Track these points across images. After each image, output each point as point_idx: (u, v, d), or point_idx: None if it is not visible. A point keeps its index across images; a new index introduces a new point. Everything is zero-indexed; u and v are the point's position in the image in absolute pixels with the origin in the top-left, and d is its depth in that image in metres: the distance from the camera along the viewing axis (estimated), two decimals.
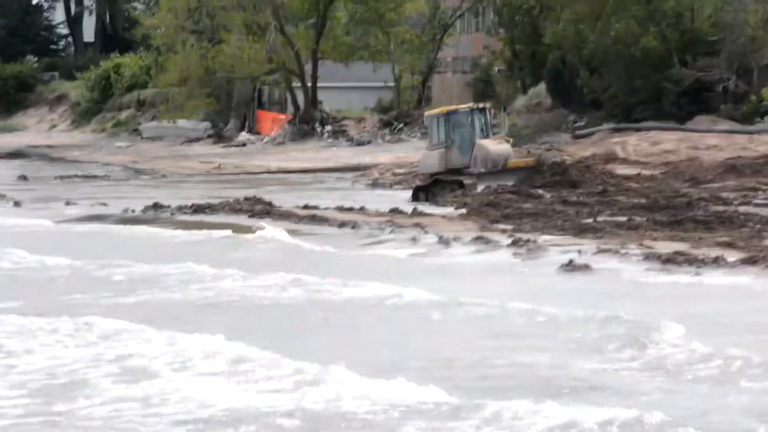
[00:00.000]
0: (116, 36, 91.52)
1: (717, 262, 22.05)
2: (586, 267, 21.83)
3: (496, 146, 35.31)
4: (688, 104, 49.73)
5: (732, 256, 22.52)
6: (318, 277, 20.78)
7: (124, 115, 79.34)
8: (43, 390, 13.24)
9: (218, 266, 22.17)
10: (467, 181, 34.83)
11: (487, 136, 35.70)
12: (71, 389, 13.20)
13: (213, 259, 23.31)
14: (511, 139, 37.27)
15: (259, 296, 19.65)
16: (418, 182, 37.59)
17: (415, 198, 35.70)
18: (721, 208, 29.64)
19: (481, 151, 35.06)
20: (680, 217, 27.79)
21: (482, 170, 34.84)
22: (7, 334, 16.22)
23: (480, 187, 34.34)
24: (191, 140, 68.41)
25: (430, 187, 35.88)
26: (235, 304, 19.19)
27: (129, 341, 15.59)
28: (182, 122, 68.72)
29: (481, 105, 37.29)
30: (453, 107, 38.28)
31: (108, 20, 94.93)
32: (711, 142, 43.35)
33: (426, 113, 39.32)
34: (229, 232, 27.67)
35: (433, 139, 36.48)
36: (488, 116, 36.33)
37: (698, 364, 14.16)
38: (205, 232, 28.16)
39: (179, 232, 28.51)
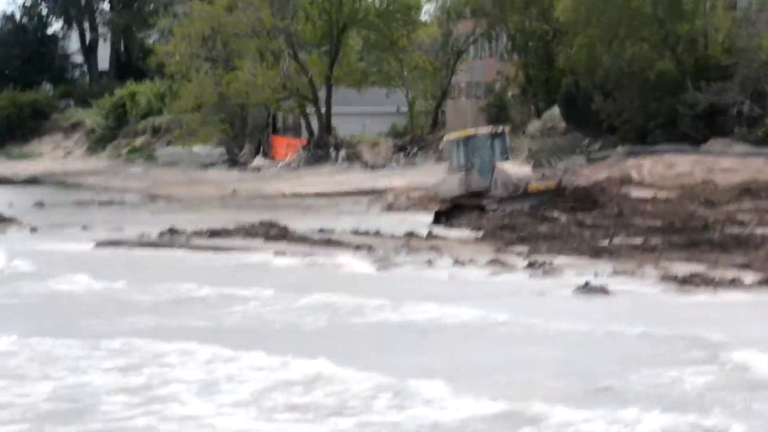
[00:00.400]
0: (130, 64, 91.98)
1: (734, 283, 22.03)
2: (602, 289, 21.82)
3: (517, 169, 35.41)
4: (702, 128, 49.72)
5: (749, 277, 22.49)
6: (379, 298, 21.08)
7: (138, 141, 79.67)
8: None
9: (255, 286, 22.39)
10: (488, 204, 34.79)
11: (506, 159, 35.75)
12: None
13: (251, 281, 23.53)
14: (532, 162, 37.37)
15: (339, 320, 19.78)
16: (439, 206, 37.52)
17: (437, 221, 35.65)
18: (736, 230, 29.60)
19: (501, 174, 35.13)
20: (696, 240, 27.77)
21: (503, 194, 34.80)
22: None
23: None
24: (206, 166, 68.62)
25: (451, 211, 35.84)
26: (308, 326, 19.25)
27: (269, 373, 15.62)
28: (197, 148, 68.96)
29: (500, 129, 37.28)
30: (472, 131, 38.30)
31: (122, 49, 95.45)
32: (726, 164, 43.33)
33: (445, 137, 39.43)
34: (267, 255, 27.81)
35: (453, 163, 36.53)
36: (507, 140, 36.39)
37: None
38: (235, 255, 28.37)
39: (222, 255, 28.99)
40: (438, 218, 35.86)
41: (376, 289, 22.86)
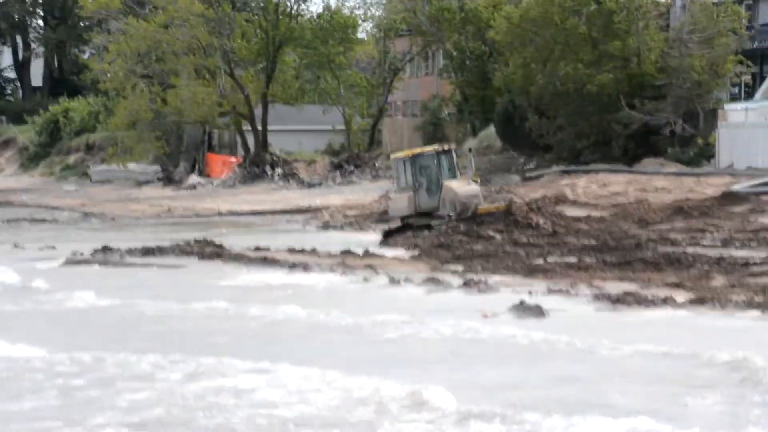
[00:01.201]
0: (64, 80, 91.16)
1: (666, 302, 22.23)
2: (536, 307, 21.92)
3: (465, 187, 35.09)
4: (635, 147, 50.25)
5: (681, 296, 22.70)
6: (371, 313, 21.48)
7: (72, 159, 78.91)
8: None
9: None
10: (437, 225, 34.58)
11: (454, 177, 35.54)
12: None
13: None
14: (479, 179, 37.14)
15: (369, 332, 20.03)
16: (388, 226, 37.31)
17: (385, 242, 35.46)
18: (669, 249, 29.89)
19: (449, 193, 34.77)
20: (629, 258, 28.00)
21: (451, 215, 34.59)
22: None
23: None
24: (141, 183, 68.13)
25: (400, 231, 35.62)
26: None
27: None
28: (132, 165, 68.43)
29: (446, 147, 36.91)
30: (418, 150, 37.90)
31: (56, 65, 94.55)
32: (659, 184, 43.77)
33: (392, 156, 39.06)
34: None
35: (400, 182, 36.17)
36: (454, 157, 36.07)
37: None
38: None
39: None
40: (387, 239, 35.68)
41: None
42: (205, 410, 14.89)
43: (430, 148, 37.29)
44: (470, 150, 40.46)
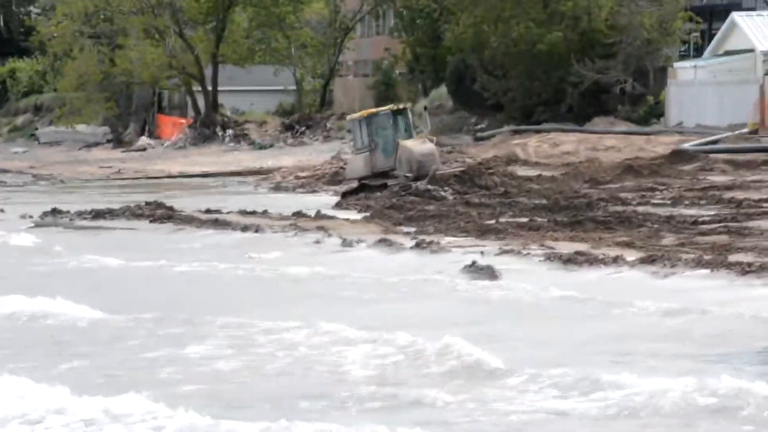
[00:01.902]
0: (12, 41, 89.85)
1: (617, 261, 22.37)
2: (489, 268, 21.98)
3: (420, 146, 34.92)
4: (586, 106, 50.43)
5: (631, 255, 22.85)
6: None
7: (20, 120, 77.99)
8: None
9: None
10: (394, 186, 34.37)
11: (410, 137, 35.33)
12: None
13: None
14: (435, 138, 37.03)
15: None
16: (347, 187, 37.07)
17: (342, 204, 35.09)
18: (620, 208, 30.07)
19: (405, 153, 34.56)
20: (580, 218, 28.14)
21: (409, 175, 34.46)
22: None
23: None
24: (90, 145, 67.53)
25: (357, 192, 35.44)
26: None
27: None
28: (80, 127, 67.80)
29: (402, 106, 36.69)
30: (374, 110, 37.71)
31: (2, 25, 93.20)
32: (609, 143, 43.98)
33: (348, 117, 38.87)
34: None
35: (357, 143, 35.97)
36: (410, 117, 35.86)
37: None
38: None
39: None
40: (345, 199, 35.52)
41: None
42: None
43: (385, 108, 37.15)
44: (426, 109, 40.32)
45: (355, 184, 36.22)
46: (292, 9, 67.22)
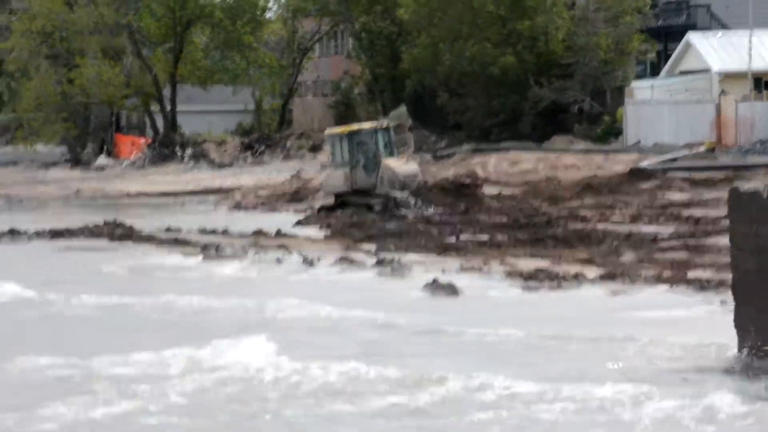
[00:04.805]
0: None
1: (577, 278, 22.50)
2: (449, 285, 22.04)
3: (404, 167, 34.73)
4: (544, 125, 50.73)
5: (591, 272, 22.99)
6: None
7: None
8: None
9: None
10: (376, 204, 33.97)
11: (391, 155, 35.21)
12: None
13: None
14: (418, 158, 36.88)
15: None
16: (322, 203, 36.62)
17: (319, 218, 34.60)
18: (579, 225, 30.26)
19: (387, 172, 34.37)
20: (541, 235, 28.29)
21: (392, 192, 34.20)
22: None
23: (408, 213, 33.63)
24: (48, 165, 67.09)
25: (335, 209, 35.11)
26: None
27: None
28: (38, 147, 67.42)
29: (384, 124, 36.54)
30: (356, 126, 37.38)
31: None
32: (568, 161, 44.25)
33: (327, 132, 38.49)
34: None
35: (336, 158, 35.60)
36: (392, 135, 35.66)
37: None
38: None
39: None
40: (320, 213, 35.25)
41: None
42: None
43: (368, 125, 36.86)
44: (410, 129, 40.22)
45: (332, 200, 35.83)
46: (251, 30, 67.23)
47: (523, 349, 16.79)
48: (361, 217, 33.02)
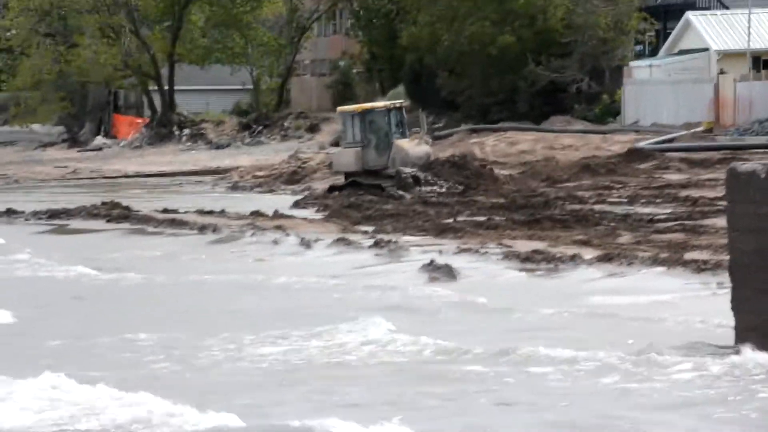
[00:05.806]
0: None
1: (574, 259, 22.47)
2: (447, 267, 22.02)
3: (415, 148, 34.46)
4: (542, 105, 50.66)
5: (588, 253, 22.97)
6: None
7: None
8: None
9: None
10: (387, 186, 33.67)
11: (403, 136, 34.93)
12: None
13: None
14: (431, 140, 36.68)
15: None
16: (332, 182, 36.32)
17: (329, 196, 34.31)
18: (577, 206, 30.21)
19: (399, 153, 34.10)
20: (538, 216, 28.25)
21: (403, 169, 33.97)
22: None
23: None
24: (45, 145, 67.03)
25: (346, 188, 34.84)
26: None
27: None
28: (35, 126, 67.35)
29: (397, 104, 36.12)
30: (369, 105, 36.95)
31: None
32: (566, 142, 44.20)
33: (339, 110, 38.16)
34: None
35: (348, 137, 35.23)
36: (404, 115, 35.31)
37: None
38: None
39: None
40: (332, 193, 35.05)
41: None
42: None
43: (381, 104, 36.57)
44: (422, 110, 39.93)
45: (342, 179, 35.55)
46: (249, 8, 67.06)
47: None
48: (358, 199, 32.96)
